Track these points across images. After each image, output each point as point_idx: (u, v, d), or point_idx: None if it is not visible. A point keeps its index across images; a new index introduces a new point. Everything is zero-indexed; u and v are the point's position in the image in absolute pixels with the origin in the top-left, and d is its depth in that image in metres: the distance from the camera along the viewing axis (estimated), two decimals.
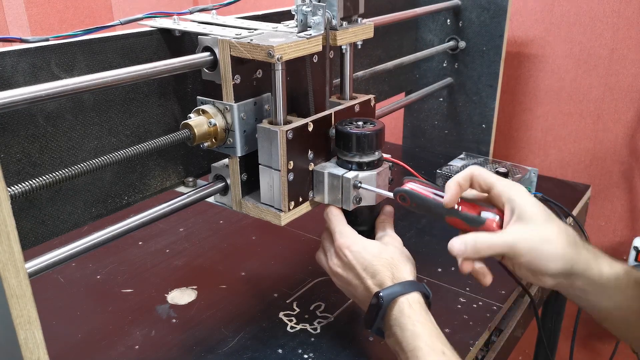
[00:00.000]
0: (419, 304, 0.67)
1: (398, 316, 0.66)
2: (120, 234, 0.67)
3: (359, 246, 0.73)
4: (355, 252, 0.72)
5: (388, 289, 0.68)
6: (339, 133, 0.75)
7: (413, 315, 0.66)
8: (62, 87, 0.58)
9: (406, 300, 0.67)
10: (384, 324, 0.69)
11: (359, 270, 0.72)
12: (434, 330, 0.66)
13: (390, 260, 0.71)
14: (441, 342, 0.64)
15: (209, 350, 0.79)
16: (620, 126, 1.38)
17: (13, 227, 0.34)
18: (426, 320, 0.66)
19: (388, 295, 0.67)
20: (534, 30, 1.43)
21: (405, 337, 0.65)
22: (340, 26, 0.77)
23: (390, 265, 0.71)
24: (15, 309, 0.36)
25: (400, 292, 0.67)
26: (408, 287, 0.68)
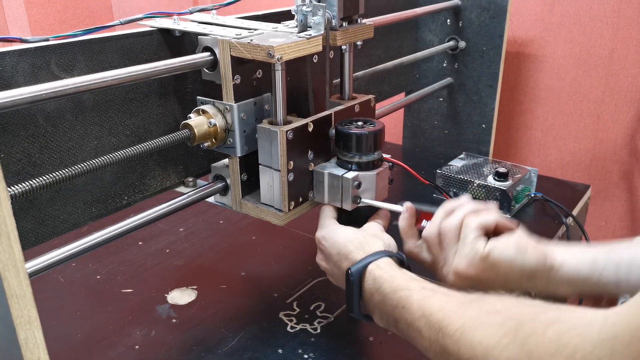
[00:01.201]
0: (389, 264, 0.64)
1: (372, 285, 0.63)
2: (120, 234, 0.67)
3: (332, 233, 0.71)
4: (329, 240, 0.71)
5: (356, 264, 0.65)
6: (338, 133, 0.75)
7: (385, 275, 0.62)
8: (62, 87, 0.58)
9: (375, 265, 0.64)
10: (364, 303, 0.65)
11: (335, 257, 0.70)
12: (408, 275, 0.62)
13: (363, 239, 0.69)
14: (419, 280, 0.61)
15: (209, 350, 0.79)
16: (620, 126, 1.38)
17: (13, 227, 0.34)
18: (402, 273, 0.62)
19: (357, 269, 0.64)
20: (534, 30, 1.43)
21: (388, 300, 0.60)
22: (340, 26, 0.77)
23: (362, 244, 0.68)
24: (15, 309, 0.36)
25: (368, 261, 0.65)
26: (376, 255, 0.65)
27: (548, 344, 0.43)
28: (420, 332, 0.55)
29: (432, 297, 0.56)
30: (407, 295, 0.58)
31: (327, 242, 0.71)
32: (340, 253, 0.69)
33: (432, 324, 0.54)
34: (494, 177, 1.11)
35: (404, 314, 0.58)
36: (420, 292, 0.58)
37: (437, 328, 0.53)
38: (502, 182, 1.09)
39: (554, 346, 0.43)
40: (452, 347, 0.51)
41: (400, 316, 0.59)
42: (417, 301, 0.57)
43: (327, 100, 0.81)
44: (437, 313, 0.54)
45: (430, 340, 0.54)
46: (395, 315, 0.59)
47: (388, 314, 0.61)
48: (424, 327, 0.55)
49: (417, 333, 0.56)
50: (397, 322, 0.60)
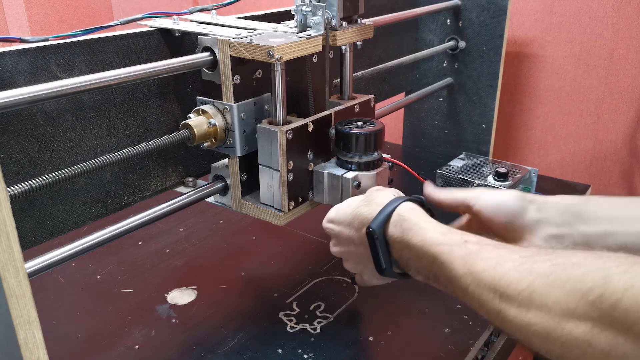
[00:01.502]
0: (413, 211, 0.58)
1: (399, 239, 0.56)
2: (120, 234, 0.67)
3: (336, 210, 0.67)
4: (335, 219, 0.67)
5: (374, 220, 0.58)
6: (338, 133, 0.75)
7: (414, 226, 0.55)
8: (62, 87, 0.58)
9: (397, 216, 0.57)
10: (394, 260, 0.58)
11: (347, 230, 0.64)
12: (441, 226, 0.55)
13: (366, 198, 0.64)
14: (457, 232, 0.54)
15: (209, 350, 0.79)
16: (620, 126, 1.38)
17: (13, 227, 0.34)
18: (432, 224, 0.56)
19: (377, 224, 0.58)
20: (534, 30, 1.43)
21: (423, 255, 0.54)
22: (340, 26, 0.77)
23: (368, 202, 0.63)
24: (15, 309, 0.36)
25: (388, 212, 0.58)
26: (393, 203, 0.59)
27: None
28: (465, 290, 0.48)
29: (480, 251, 0.49)
30: (447, 250, 0.51)
31: (334, 224, 0.67)
32: (351, 224, 0.63)
33: (484, 283, 0.46)
34: (494, 177, 1.11)
35: (444, 270, 0.51)
36: (463, 247, 0.50)
37: (492, 288, 0.45)
38: (502, 182, 1.09)
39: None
40: (515, 310, 0.43)
41: (440, 272, 0.52)
42: (460, 258, 0.49)
43: (327, 100, 0.81)
44: (490, 271, 0.46)
45: (480, 300, 0.46)
46: (434, 270, 0.53)
47: (426, 269, 0.54)
48: (472, 285, 0.47)
49: (462, 291, 0.49)
50: (437, 277, 0.53)
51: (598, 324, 0.37)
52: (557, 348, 0.40)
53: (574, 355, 0.39)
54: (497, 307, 0.44)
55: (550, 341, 0.40)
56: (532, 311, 0.41)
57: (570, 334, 0.39)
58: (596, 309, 0.38)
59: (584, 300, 0.38)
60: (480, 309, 0.47)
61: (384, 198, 0.61)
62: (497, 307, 0.44)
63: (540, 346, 0.41)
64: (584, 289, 0.39)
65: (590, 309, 0.38)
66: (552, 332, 0.40)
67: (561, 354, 0.40)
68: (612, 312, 0.37)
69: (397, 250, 0.57)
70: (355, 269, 0.69)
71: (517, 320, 0.42)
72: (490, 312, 0.45)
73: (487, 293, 0.45)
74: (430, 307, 0.89)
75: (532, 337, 0.41)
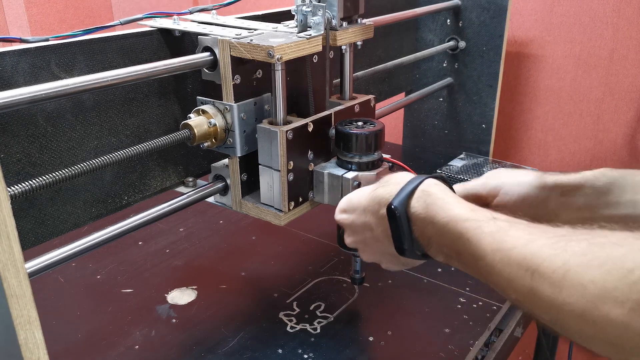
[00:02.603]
0: (438, 187, 0.55)
1: (423, 215, 0.54)
2: (120, 234, 0.67)
3: (346, 200, 0.65)
4: (348, 208, 0.64)
5: (397, 197, 0.55)
6: (338, 133, 0.75)
7: (438, 201, 0.53)
8: (62, 87, 0.58)
9: (421, 192, 0.55)
10: (416, 240, 0.56)
11: (363, 218, 0.61)
12: (467, 203, 0.53)
13: (382, 181, 0.61)
14: (486, 210, 0.51)
15: (209, 350, 0.79)
16: (620, 126, 1.38)
17: (13, 227, 0.34)
18: (458, 200, 0.53)
19: (400, 200, 0.55)
20: (534, 30, 1.43)
21: (447, 232, 0.51)
22: (340, 26, 0.77)
23: (385, 183, 0.60)
24: (15, 309, 0.36)
25: (410, 189, 0.55)
26: (415, 181, 0.56)
27: None
28: (492, 268, 0.46)
29: (510, 229, 0.46)
30: (475, 226, 0.49)
31: (347, 209, 0.64)
32: (367, 207, 0.61)
33: (515, 260, 0.44)
34: None
35: (471, 248, 0.49)
36: (492, 223, 0.48)
37: (524, 266, 0.43)
38: None
39: None
40: (549, 289, 0.40)
41: (465, 249, 0.49)
42: (489, 234, 0.47)
43: (327, 100, 0.81)
44: (521, 248, 0.44)
45: (509, 278, 0.44)
46: (458, 248, 0.50)
47: (448, 246, 0.52)
48: (500, 262, 0.45)
49: (488, 269, 0.47)
50: (460, 255, 0.51)
51: (637, 306, 0.36)
52: (591, 329, 0.38)
53: (609, 337, 0.38)
54: (528, 285, 0.42)
55: (585, 321, 0.39)
56: (566, 290, 0.39)
57: (607, 316, 0.37)
58: (636, 291, 0.36)
59: (624, 281, 0.37)
60: (508, 288, 0.45)
61: (403, 178, 0.58)
62: (529, 285, 0.42)
63: (573, 326, 0.40)
64: (625, 270, 0.37)
65: (629, 291, 0.36)
66: (588, 312, 0.38)
67: (594, 335, 0.39)
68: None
69: (419, 227, 0.55)
70: (372, 258, 0.66)
71: (550, 299, 0.41)
72: (520, 291, 0.43)
73: (518, 270, 0.43)
74: (430, 307, 0.89)
75: (566, 317, 0.40)
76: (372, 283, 0.94)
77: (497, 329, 0.89)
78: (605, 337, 0.38)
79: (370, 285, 0.94)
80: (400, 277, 0.96)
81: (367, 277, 0.89)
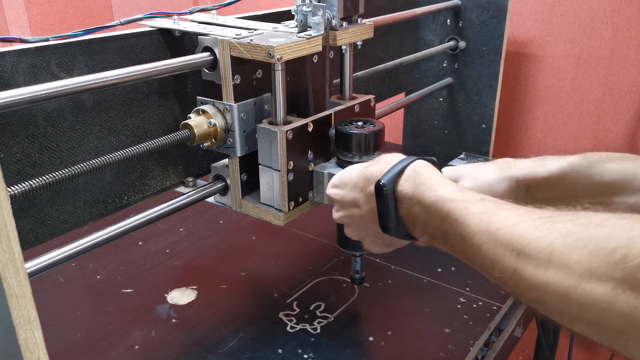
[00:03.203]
0: (427, 168, 0.56)
1: (410, 193, 0.54)
2: (120, 234, 0.67)
3: (338, 176, 0.66)
4: (339, 184, 0.65)
5: (386, 174, 0.56)
6: (338, 133, 0.75)
7: (428, 181, 0.53)
8: (62, 87, 0.58)
9: (411, 171, 0.55)
10: (400, 218, 0.56)
11: (352, 194, 0.62)
12: (456, 185, 0.54)
13: (373, 160, 0.62)
14: (474, 192, 0.52)
15: (209, 350, 0.79)
16: (620, 126, 1.38)
17: (13, 227, 0.34)
18: (447, 181, 0.54)
19: (389, 178, 0.55)
20: (534, 30, 1.43)
21: (434, 211, 0.51)
22: (340, 26, 0.77)
23: (376, 162, 0.60)
24: (15, 309, 0.36)
25: (400, 167, 0.56)
26: (405, 161, 0.57)
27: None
28: (479, 248, 0.46)
29: (497, 210, 0.47)
30: (463, 207, 0.49)
31: (339, 184, 0.65)
32: (357, 184, 0.61)
33: (501, 241, 0.44)
34: None
35: (458, 228, 0.49)
36: (480, 204, 0.48)
37: (509, 246, 0.43)
38: None
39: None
40: (533, 269, 0.41)
41: (452, 230, 0.50)
42: (476, 214, 0.48)
43: (327, 100, 0.81)
44: (508, 229, 0.44)
45: (494, 259, 0.45)
46: (444, 228, 0.51)
47: (434, 226, 0.52)
48: (486, 243, 0.46)
49: (474, 249, 0.47)
50: (445, 235, 0.51)
51: (620, 285, 0.36)
52: (575, 309, 0.39)
53: (592, 317, 0.38)
54: (513, 265, 0.43)
55: (568, 301, 0.39)
56: (550, 270, 0.40)
57: (590, 295, 0.38)
58: (619, 270, 0.37)
59: (607, 260, 0.37)
60: (492, 268, 0.45)
61: (395, 157, 0.59)
62: (514, 265, 0.43)
63: (556, 306, 0.41)
64: (607, 249, 0.37)
65: (612, 270, 0.37)
66: (571, 291, 0.39)
67: (578, 315, 0.39)
68: (636, 274, 0.36)
69: (406, 206, 0.55)
70: (357, 235, 0.66)
71: (533, 279, 0.41)
72: (504, 271, 0.44)
73: (504, 251, 0.44)
74: (430, 307, 0.89)
75: (549, 297, 0.40)
76: (372, 283, 0.94)
77: (497, 329, 0.89)
78: (589, 317, 0.38)
79: (370, 285, 0.94)
80: (400, 277, 0.96)
81: (367, 277, 0.89)
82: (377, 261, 1.00)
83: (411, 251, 0.75)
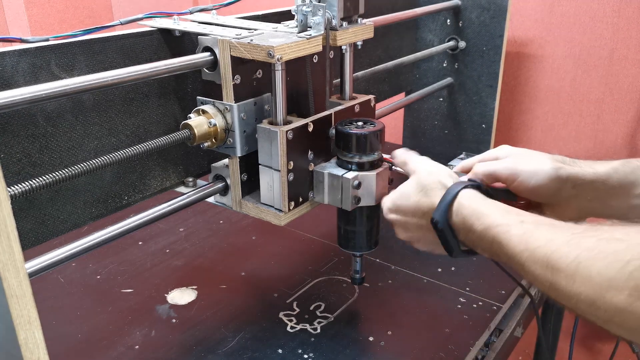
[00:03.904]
0: (471, 198, 0.62)
1: (462, 225, 0.61)
2: (120, 234, 0.67)
3: (391, 202, 0.70)
4: (398, 210, 0.70)
5: (436, 210, 0.63)
6: (338, 133, 0.75)
7: (473, 213, 0.60)
8: (62, 87, 0.58)
9: (458, 204, 0.62)
10: (462, 242, 0.63)
11: (415, 220, 0.68)
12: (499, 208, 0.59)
13: (421, 187, 0.67)
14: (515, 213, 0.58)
15: (209, 350, 0.79)
16: (620, 126, 1.38)
17: (13, 227, 0.34)
18: (491, 207, 0.60)
19: (440, 214, 0.62)
20: (534, 30, 1.43)
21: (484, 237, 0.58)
22: (340, 26, 0.77)
23: (425, 192, 0.66)
24: (15, 309, 0.36)
25: (448, 201, 0.62)
26: (451, 191, 0.63)
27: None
28: (522, 266, 0.53)
29: (535, 230, 0.53)
30: (505, 230, 0.55)
31: (396, 214, 0.70)
32: (415, 213, 0.67)
33: (538, 258, 0.50)
34: None
35: (503, 249, 0.55)
36: (520, 227, 0.54)
37: (545, 262, 0.49)
38: None
39: None
40: (564, 281, 0.47)
41: (499, 251, 0.56)
42: (516, 236, 0.54)
43: (327, 100, 0.81)
44: (543, 247, 0.50)
45: (534, 274, 0.51)
46: (493, 249, 0.57)
47: (487, 249, 0.59)
48: (527, 261, 0.52)
49: (520, 267, 0.53)
50: (498, 255, 0.57)
51: (634, 293, 0.41)
52: (602, 314, 0.44)
53: (619, 322, 0.43)
54: (549, 279, 0.49)
55: (596, 308, 0.44)
56: (577, 282, 0.45)
57: (611, 303, 0.43)
58: (632, 279, 0.41)
59: (623, 271, 0.42)
60: (535, 282, 0.51)
61: (440, 185, 0.65)
62: (550, 280, 0.48)
63: (588, 313, 0.46)
64: (624, 261, 0.42)
65: (627, 279, 0.42)
66: (597, 300, 0.44)
67: (607, 319, 0.44)
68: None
69: (462, 234, 0.62)
70: (426, 248, 0.72)
71: (566, 290, 0.47)
72: (544, 285, 0.50)
73: (541, 268, 0.50)
74: (430, 307, 0.89)
75: (581, 305, 0.46)
76: (372, 283, 0.94)
77: (497, 329, 0.89)
78: (617, 322, 0.43)
79: (370, 285, 0.94)
80: (400, 277, 0.96)
81: (367, 277, 0.89)
82: (377, 261, 1.00)
83: (411, 251, 0.75)
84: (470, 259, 0.76)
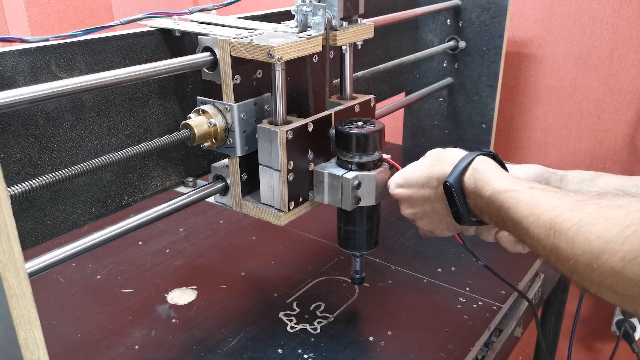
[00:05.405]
0: (486, 164, 0.63)
1: (473, 188, 0.62)
2: (120, 234, 0.67)
3: (400, 177, 0.72)
4: (405, 184, 0.71)
5: (451, 175, 0.64)
6: (338, 133, 0.75)
7: (485, 177, 0.61)
8: (62, 87, 0.58)
9: (472, 169, 0.63)
10: (471, 209, 0.64)
11: (422, 192, 0.69)
12: (510, 176, 0.61)
13: (435, 158, 0.69)
14: (524, 181, 0.59)
15: (209, 350, 0.79)
16: (620, 126, 1.38)
17: (13, 227, 0.34)
18: (502, 174, 0.61)
19: (454, 179, 0.63)
20: (534, 30, 1.43)
21: (492, 202, 0.59)
22: (340, 26, 0.77)
23: (438, 162, 0.68)
24: (15, 309, 0.36)
25: (463, 166, 0.64)
26: (467, 158, 0.65)
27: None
28: (527, 230, 0.54)
29: (542, 195, 0.55)
30: (514, 196, 0.57)
31: (404, 189, 0.71)
32: (425, 184, 0.69)
33: (542, 222, 0.52)
34: None
35: (510, 214, 0.57)
36: (528, 192, 0.56)
37: (549, 226, 0.51)
38: None
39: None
40: (565, 244, 0.49)
41: (507, 216, 0.57)
42: (524, 201, 0.55)
43: (327, 100, 0.81)
44: (548, 211, 0.52)
45: (538, 238, 0.52)
46: (501, 216, 0.58)
47: (495, 215, 0.60)
48: (532, 225, 0.53)
49: (525, 231, 0.54)
50: (504, 222, 0.59)
51: (626, 256, 0.43)
52: (596, 276, 0.46)
53: (609, 283, 0.45)
54: (551, 242, 0.50)
55: (591, 270, 0.46)
56: (577, 244, 0.47)
57: (606, 264, 0.45)
58: (628, 242, 0.44)
59: (620, 235, 0.44)
60: (538, 246, 0.53)
61: (456, 155, 0.67)
62: (552, 242, 0.50)
63: (583, 275, 0.48)
64: (622, 226, 0.44)
65: (623, 242, 0.44)
66: (593, 262, 0.46)
67: (599, 282, 0.46)
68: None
69: (472, 199, 0.63)
70: (429, 225, 0.73)
71: (566, 253, 0.49)
72: (546, 248, 0.51)
73: (544, 231, 0.51)
74: (430, 307, 0.89)
75: (578, 266, 0.48)
76: (372, 283, 0.94)
77: (497, 329, 0.89)
78: (608, 285, 0.45)
79: (370, 285, 0.94)
80: (400, 277, 0.96)
81: (367, 277, 0.89)
82: (377, 261, 1.00)
83: (411, 251, 0.75)
84: (470, 259, 0.76)
